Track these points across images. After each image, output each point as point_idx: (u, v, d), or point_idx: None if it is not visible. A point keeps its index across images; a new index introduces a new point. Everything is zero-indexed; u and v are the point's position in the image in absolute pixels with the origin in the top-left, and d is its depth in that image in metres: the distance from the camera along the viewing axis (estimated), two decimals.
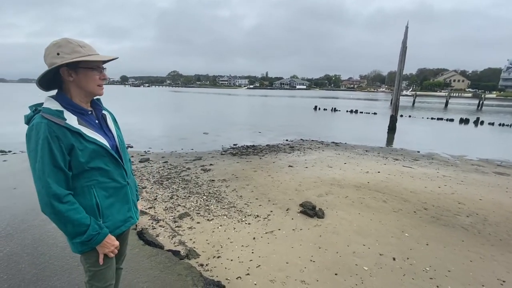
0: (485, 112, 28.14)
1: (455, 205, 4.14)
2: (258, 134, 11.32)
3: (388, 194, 4.48)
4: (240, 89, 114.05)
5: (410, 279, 2.40)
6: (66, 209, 1.10)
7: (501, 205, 4.23)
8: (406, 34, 12.28)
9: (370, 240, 3.04)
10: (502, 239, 3.22)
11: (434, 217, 3.70)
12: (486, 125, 17.05)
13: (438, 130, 15.17)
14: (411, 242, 3.03)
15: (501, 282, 2.42)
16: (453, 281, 2.40)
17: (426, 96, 62.23)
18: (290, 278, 2.37)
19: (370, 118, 19.82)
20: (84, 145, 1.16)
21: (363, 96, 67.86)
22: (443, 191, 4.77)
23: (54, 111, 1.13)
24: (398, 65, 12.85)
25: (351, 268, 2.53)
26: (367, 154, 7.95)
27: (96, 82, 1.23)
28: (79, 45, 1.17)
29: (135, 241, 2.68)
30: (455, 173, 6.14)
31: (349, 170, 5.91)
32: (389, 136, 12.21)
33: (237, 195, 4.28)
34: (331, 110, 24.03)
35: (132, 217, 1.40)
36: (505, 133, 14.64)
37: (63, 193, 1.10)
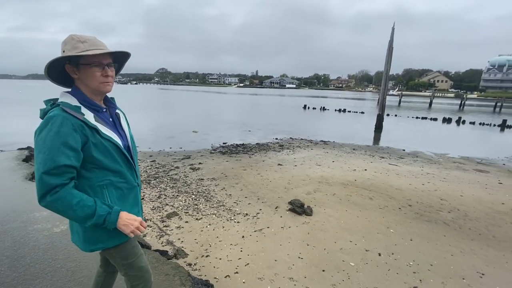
0: (467, 111, 29.24)
1: (438, 202, 4.28)
2: (248, 133, 11.32)
3: (375, 192, 4.58)
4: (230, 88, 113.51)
5: (394, 274, 2.47)
6: (58, 197, 1.02)
7: (480, 201, 4.41)
8: (392, 35, 12.55)
9: (357, 237, 3.10)
10: (481, 233, 3.36)
11: (418, 213, 3.82)
12: (467, 124, 17.72)
13: (422, 129, 15.63)
14: (396, 238, 3.12)
15: (480, 275, 2.53)
16: (435, 275, 2.49)
17: (412, 96, 63.96)
18: (278, 275, 2.39)
19: (357, 117, 20.19)
20: (99, 140, 1.13)
21: (351, 95, 69.01)
22: (426, 188, 4.92)
23: (73, 106, 1.12)
24: (385, 66, 13.13)
25: (338, 264, 2.57)
26: (355, 153, 8.10)
27: (97, 79, 1.16)
28: (79, 40, 1.12)
29: None
30: (438, 171, 6.35)
31: (337, 168, 6.00)
32: (375, 134, 12.48)
33: (227, 193, 4.27)
34: (320, 109, 24.31)
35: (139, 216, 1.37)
36: (485, 131, 15.26)
37: (60, 183, 1.03)
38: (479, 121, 18.43)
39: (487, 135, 14.32)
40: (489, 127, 16.75)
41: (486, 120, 19.38)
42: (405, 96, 47.26)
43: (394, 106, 32.64)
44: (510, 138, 13.58)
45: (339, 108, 24.19)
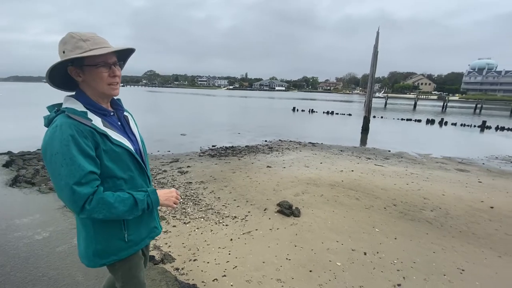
0: (449, 113, 30.33)
1: (421, 201, 4.42)
2: (238, 135, 11.32)
3: (361, 192, 4.68)
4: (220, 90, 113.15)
5: (379, 272, 2.53)
6: (96, 202, 0.99)
7: (461, 199, 4.58)
8: (377, 39, 12.90)
9: (344, 237, 3.16)
10: (461, 231, 3.49)
11: (402, 213, 3.93)
12: (449, 125, 18.38)
13: (407, 130, 16.10)
14: (381, 237, 3.20)
15: (460, 271, 2.63)
16: (418, 272, 2.56)
17: (397, 98, 65.72)
18: (266, 277, 2.40)
19: (345, 119, 20.57)
20: (109, 147, 1.07)
21: (339, 98, 70.25)
22: (410, 187, 5.07)
23: (80, 112, 1.04)
24: (370, 69, 13.47)
25: (325, 264, 2.61)
26: (342, 154, 8.25)
27: (105, 81, 1.07)
28: (81, 39, 1.02)
29: None
30: (422, 171, 6.56)
31: (324, 170, 6.09)
32: (362, 136, 12.75)
33: (215, 197, 4.25)
34: (308, 112, 24.61)
35: (157, 227, 1.33)
36: (466, 132, 15.88)
37: (92, 190, 1.00)
38: (460, 122, 19.17)
39: (468, 135, 14.90)
40: (470, 128, 17.44)
41: (467, 121, 20.18)
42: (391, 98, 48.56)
43: (380, 108, 33.44)
44: (489, 138, 14.17)
45: (327, 111, 24.57)
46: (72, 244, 2.56)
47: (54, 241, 2.61)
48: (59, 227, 2.85)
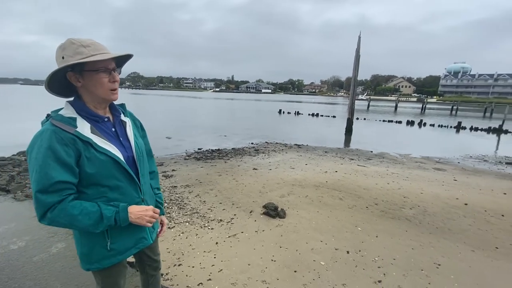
0: (428, 114, 31.68)
1: (401, 199, 4.59)
2: (224, 138, 11.28)
3: (344, 192, 4.80)
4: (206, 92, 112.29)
5: (361, 270, 2.61)
6: (58, 211, 0.98)
7: (438, 197, 4.80)
8: (359, 43, 13.31)
9: (327, 236, 3.23)
10: (438, 227, 3.66)
11: (383, 211, 4.06)
12: (428, 126, 19.20)
13: (389, 131, 16.66)
14: (363, 236, 3.29)
15: (437, 265, 2.76)
16: (397, 268, 2.67)
17: (379, 100, 67.87)
18: (251, 279, 2.42)
19: (329, 121, 21.00)
20: (93, 154, 1.05)
21: (324, 100, 71.61)
22: (391, 187, 5.26)
23: (66, 118, 1.05)
24: (353, 72, 13.86)
25: (309, 264, 2.66)
26: (326, 155, 8.42)
27: (105, 86, 1.09)
28: (82, 45, 1.04)
29: None
30: (402, 170, 6.81)
31: (309, 171, 6.20)
32: (346, 137, 13.07)
33: (200, 200, 4.22)
34: (294, 114, 24.92)
35: (146, 238, 1.28)
36: (443, 133, 16.64)
37: (57, 200, 0.99)
38: (438, 123, 20.08)
39: (445, 136, 15.62)
40: (447, 129, 18.29)
41: (444, 122, 21.16)
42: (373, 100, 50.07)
43: (363, 110, 34.39)
44: (464, 138, 14.92)
45: (313, 113, 25.00)
46: (50, 253, 2.47)
47: (31, 250, 2.50)
48: (36, 236, 2.74)
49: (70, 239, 2.72)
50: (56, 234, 2.80)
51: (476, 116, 32.19)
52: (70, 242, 2.67)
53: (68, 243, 2.65)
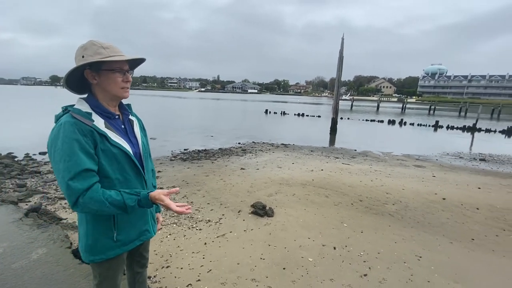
0: (408, 114, 32.92)
1: (384, 196, 4.75)
2: (211, 138, 11.19)
3: (330, 190, 4.90)
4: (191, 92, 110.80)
5: (347, 264, 2.69)
6: (89, 197, 1.05)
7: (418, 193, 5.01)
8: (342, 45, 13.63)
9: (314, 233, 3.29)
10: (419, 221, 3.82)
11: (368, 207, 4.19)
12: (408, 125, 19.96)
13: (371, 130, 17.17)
14: (349, 231, 3.39)
15: (418, 257, 2.88)
16: (382, 261, 2.76)
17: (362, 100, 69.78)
18: (241, 278, 2.42)
19: (315, 120, 21.35)
20: (107, 147, 1.14)
21: (309, 100, 72.66)
22: (374, 184, 5.43)
23: (84, 113, 1.13)
24: (337, 73, 14.17)
25: (298, 261, 2.71)
26: (312, 154, 8.56)
27: (118, 85, 1.19)
28: (102, 46, 1.15)
29: (70, 261, 2.40)
30: (384, 168, 7.05)
31: (296, 170, 6.28)
32: (331, 137, 13.34)
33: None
34: (280, 114, 25.12)
35: (149, 231, 1.38)
36: (422, 131, 17.36)
37: (87, 186, 1.06)
38: (417, 122, 20.93)
39: (424, 134, 16.30)
40: (425, 128, 19.10)
41: (423, 121, 22.07)
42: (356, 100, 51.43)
43: (347, 110, 35.23)
44: (442, 137, 15.64)
45: (298, 113, 25.31)
46: (30, 259, 2.35)
47: (9, 257, 2.38)
48: (14, 242, 2.61)
49: (51, 245, 2.61)
50: (35, 240, 2.67)
51: (452, 115, 33.83)
52: (51, 248, 2.56)
53: (49, 248, 2.54)
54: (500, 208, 4.42)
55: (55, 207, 3.77)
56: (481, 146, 12.49)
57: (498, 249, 3.16)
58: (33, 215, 3.20)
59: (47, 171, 5.62)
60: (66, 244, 2.64)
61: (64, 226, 3.08)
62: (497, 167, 8.13)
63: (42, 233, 2.80)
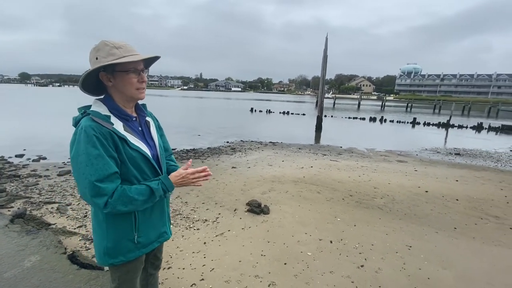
0: (387, 111, 34.22)
1: (372, 190, 4.96)
2: (198, 137, 11.07)
3: (321, 186, 5.04)
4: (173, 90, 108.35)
5: (344, 257, 2.80)
6: (118, 196, 1.07)
7: (403, 186, 5.27)
8: (326, 44, 13.92)
9: (311, 228, 3.39)
10: (406, 213, 4.03)
11: (358, 202, 4.36)
12: (388, 122, 20.78)
13: (354, 127, 17.71)
14: (343, 225, 3.52)
15: (408, 247, 3.06)
16: (376, 252, 2.91)
17: (343, 99, 71.55)
18: (244, 275, 2.46)
19: (300, 118, 21.67)
20: (127, 150, 1.14)
21: (292, 98, 73.47)
22: (362, 179, 5.64)
23: (103, 116, 1.12)
24: (321, 71, 14.46)
25: (297, 256, 2.78)
26: (301, 152, 8.72)
27: (134, 86, 1.16)
28: (114, 46, 1.11)
29: (67, 267, 2.32)
30: (370, 163, 7.33)
31: (287, 167, 6.38)
32: (316, 134, 13.63)
33: (182, 201, 4.14)
34: (266, 112, 25.25)
35: (166, 232, 1.39)
36: (401, 128, 18.16)
37: (115, 187, 1.08)
38: (396, 119, 21.83)
39: (403, 130, 17.07)
40: (404, 124, 19.98)
41: (401, 118, 23.04)
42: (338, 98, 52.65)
43: (330, 108, 36.02)
44: (419, 133, 16.43)
45: (283, 111, 25.55)
46: (24, 267, 2.25)
47: (0, 266, 2.26)
48: (3, 250, 2.48)
49: (44, 251, 2.51)
50: (26, 247, 2.55)
51: (427, 112, 35.60)
52: (45, 254, 2.46)
53: (43, 255, 2.44)
54: (476, 198, 4.76)
55: (41, 212, 3.60)
56: (455, 141, 13.29)
57: (478, 236, 3.41)
58: (19, 221, 3.05)
59: (27, 174, 5.33)
60: (60, 250, 2.55)
61: (55, 231, 2.96)
62: (471, 160, 8.70)
63: (33, 239, 2.68)
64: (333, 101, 44.23)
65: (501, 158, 9.20)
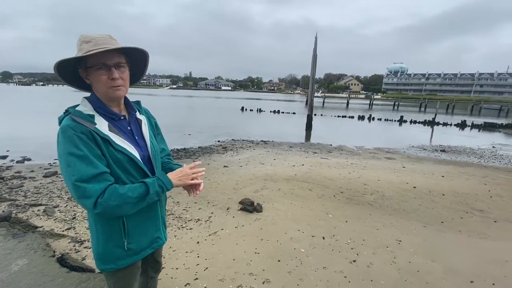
0: (375, 110, 34.91)
1: (362, 187, 5.05)
2: (188, 137, 10.96)
3: (312, 183, 5.10)
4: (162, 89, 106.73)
5: (337, 252, 2.85)
6: (108, 195, 0.98)
7: (392, 182, 5.39)
8: (316, 44, 14.05)
9: (303, 225, 3.42)
10: (395, 209, 4.13)
11: (349, 198, 4.44)
12: (376, 120, 21.21)
13: (343, 125, 17.98)
14: (335, 222, 3.57)
15: (398, 241, 3.14)
16: (367, 247, 2.97)
17: (333, 98, 72.41)
18: (238, 273, 2.46)
19: (290, 117, 21.80)
20: (111, 152, 1.05)
21: (282, 97, 73.78)
22: (352, 176, 5.74)
23: (85, 115, 1.04)
24: (311, 70, 14.58)
25: (291, 253, 2.81)
26: (292, 150, 8.78)
27: (105, 84, 1.04)
28: (84, 40, 1.01)
29: (56, 270, 2.25)
30: (359, 161, 7.46)
31: (278, 165, 6.41)
32: (307, 132, 13.75)
33: (174, 201, 4.09)
34: (256, 111, 25.26)
35: (160, 238, 1.30)
36: (388, 126, 18.57)
37: (104, 186, 0.99)
38: (384, 117, 22.31)
39: (390, 128, 17.45)
40: (392, 122, 20.44)
41: (388, 116, 23.57)
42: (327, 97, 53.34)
43: (319, 106, 36.41)
44: (406, 130, 16.86)
45: (274, 110, 25.64)
46: (11, 271, 2.17)
47: None
48: None
49: (32, 255, 2.43)
50: (13, 251, 2.46)
51: (413, 110, 36.52)
52: (33, 258, 2.38)
53: (31, 259, 2.36)
54: (462, 193, 4.93)
55: (27, 214, 3.48)
56: (440, 138, 13.70)
57: (464, 230, 3.54)
58: (4, 224, 2.94)
59: (11, 176, 5.14)
60: (48, 253, 2.47)
61: (43, 234, 2.86)
62: (455, 157, 9.00)
63: (19, 243, 2.59)
64: (322, 100, 44.71)
65: (484, 154, 9.56)
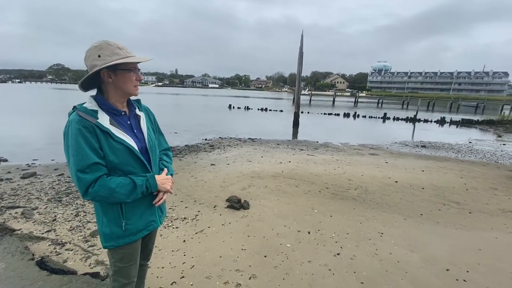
0: (360, 107, 35.69)
1: (347, 182, 5.18)
2: (175, 135, 10.80)
3: (299, 180, 5.17)
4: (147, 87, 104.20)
5: (322, 246, 2.92)
6: (99, 186, 1.16)
7: (375, 177, 5.56)
8: (302, 42, 14.16)
9: (289, 221, 3.48)
10: (378, 203, 4.27)
11: (334, 194, 4.54)
12: (361, 117, 21.70)
13: (329, 123, 18.28)
14: (320, 216, 3.65)
15: (380, 234, 3.25)
16: (351, 240, 3.06)
17: (319, 95, 73.48)
18: (225, 270, 2.47)
19: (277, 115, 21.92)
20: (111, 143, 1.22)
21: (270, 95, 73.96)
22: (337, 172, 5.87)
23: (89, 111, 1.22)
24: (298, 68, 14.70)
25: (277, 248, 2.85)
26: (279, 147, 8.85)
27: (133, 83, 1.30)
28: (118, 47, 1.24)
29: (35, 273, 2.18)
30: (344, 157, 7.63)
31: (266, 163, 6.46)
32: (294, 130, 13.89)
33: None
34: (244, 109, 25.22)
35: (155, 221, 1.45)
36: (373, 123, 19.05)
37: (95, 177, 1.16)
38: (368, 114, 22.86)
39: (374, 125, 17.92)
40: (376, 119, 20.99)
41: (373, 114, 24.19)
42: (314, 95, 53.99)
43: (306, 104, 36.81)
44: (389, 127, 17.36)
45: (261, 107, 25.68)
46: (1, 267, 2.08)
47: None
48: None
49: (9, 258, 2.33)
50: None
51: (396, 108, 37.63)
52: (11, 261, 2.29)
53: (8, 262, 2.27)
54: (440, 186, 5.16)
55: (4, 217, 3.34)
56: (421, 134, 14.21)
57: (441, 221, 3.71)
58: None
59: None
60: (27, 256, 2.39)
61: (21, 237, 2.76)
62: (435, 152, 9.38)
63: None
64: (309, 98, 45.19)
65: (461, 149, 10.02)
